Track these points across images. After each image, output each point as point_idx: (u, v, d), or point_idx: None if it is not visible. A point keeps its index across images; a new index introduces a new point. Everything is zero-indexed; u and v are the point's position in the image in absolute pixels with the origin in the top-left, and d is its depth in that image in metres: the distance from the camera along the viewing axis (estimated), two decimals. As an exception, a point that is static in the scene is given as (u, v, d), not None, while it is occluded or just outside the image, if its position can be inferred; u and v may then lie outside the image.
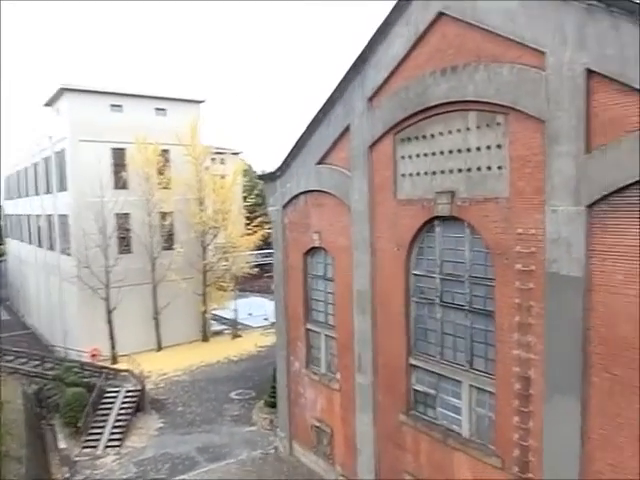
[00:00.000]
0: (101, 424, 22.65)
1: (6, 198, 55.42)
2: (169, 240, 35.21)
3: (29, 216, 43.73)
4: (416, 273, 14.33)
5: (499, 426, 12.17)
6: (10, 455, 17.66)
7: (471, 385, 12.97)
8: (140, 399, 24.59)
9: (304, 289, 19.06)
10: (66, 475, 19.70)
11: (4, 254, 58.24)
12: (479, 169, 12.13)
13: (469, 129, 12.28)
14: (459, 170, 12.62)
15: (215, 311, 40.39)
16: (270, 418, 23.36)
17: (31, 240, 43.65)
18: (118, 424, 22.70)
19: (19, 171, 46.65)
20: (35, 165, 40.40)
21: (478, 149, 12.11)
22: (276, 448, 21.03)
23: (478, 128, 12.07)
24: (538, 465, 11.25)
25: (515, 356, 11.58)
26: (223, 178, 39.72)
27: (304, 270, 19.02)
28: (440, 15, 12.42)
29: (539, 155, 10.75)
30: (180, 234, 35.19)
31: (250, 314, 43.64)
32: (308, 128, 17.58)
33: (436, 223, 13.54)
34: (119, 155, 33.40)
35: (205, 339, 37.05)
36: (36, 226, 41.43)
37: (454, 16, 12.08)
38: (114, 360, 31.38)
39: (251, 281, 48.42)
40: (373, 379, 15.70)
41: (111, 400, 23.92)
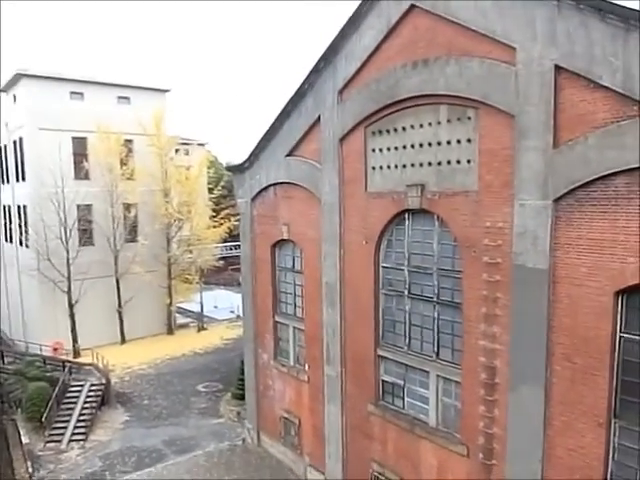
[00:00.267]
0: (65, 418, 22.18)
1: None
2: (133, 232, 34.51)
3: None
4: (385, 265, 14.44)
5: (465, 415, 12.44)
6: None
7: (438, 375, 13.20)
8: (105, 393, 24.19)
9: (272, 281, 18.98)
10: (29, 470, 19.22)
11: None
12: (449, 163, 12.28)
13: (440, 123, 12.40)
14: (429, 163, 12.74)
15: (180, 304, 39.90)
16: (237, 410, 23.31)
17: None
18: (83, 418, 22.26)
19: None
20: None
21: (448, 143, 12.25)
22: (244, 440, 21.00)
23: (449, 122, 12.20)
24: (502, 452, 11.56)
25: (481, 346, 11.83)
26: (188, 169, 39.09)
27: (272, 262, 18.93)
28: (412, 7, 12.45)
29: (508, 149, 10.95)
30: (144, 226, 34.48)
31: (216, 307, 43.35)
32: (277, 119, 17.43)
33: (406, 216, 13.66)
34: (80, 144, 32.47)
35: (170, 332, 36.59)
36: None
37: (426, 9, 12.13)
38: (76, 354, 30.66)
39: (216, 274, 48.00)
40: (342, 370, 15.79)
41: (75, 394, 23.44)
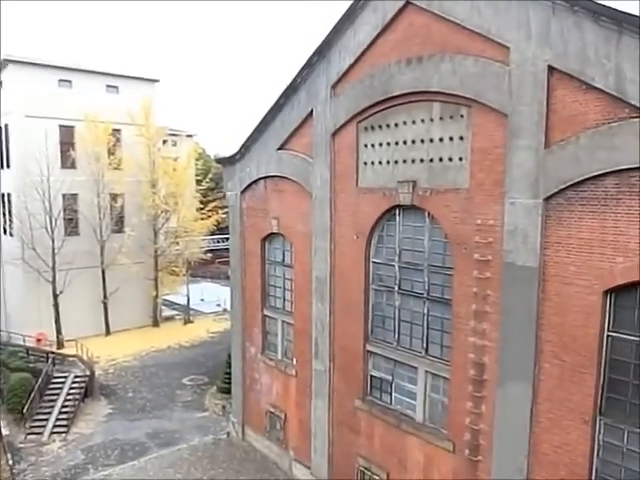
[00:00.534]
0: (47, 410, 21.97)
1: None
2: (119, 223, 34.20)
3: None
4: (375, 261, 14.47)
5: (452, 411, 12.54)
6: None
7: (427, 371, 13.28)
8: (88, 385, 23.99)
9: (261, 275, 18.93)
10: (10, 462, 18.99)
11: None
12: (441, 160, 12.32)
13: (432, 120, 12.42)
14: (421, 160, 12.77)
15: (166, 296, 39.68)
16: (223, 404, 23.28)
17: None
18: (65, 410, 22.05)
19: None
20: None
21: (441, 140, 12.29)
22: (228, 433, 20.98)
23: (441, 119, 12.23)
24: (488, 448, 11.68)
25: (470, 343, 11.92)
26: (176, 160, 38.83)
27: (262, 256, 18.88)
28: (407, 4, 12.44)
29: (500, 148, 11.01)
30: (131, 217, 34.15)
31: (202, 300, 43.18)
32: (269, 112, 17.34)
33: (397, 212, 13.69)
34: (67, 133, 32.06)
35: (155, 324, 36.38)
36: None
37: (421, 6, 12.13)
38: (60, 345, 30.34)
39: (203, 266, 47.77)
40: (330, 365, 15.83)
41: (58, 386, 23.23)
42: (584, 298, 9.90)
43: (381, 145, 13.76)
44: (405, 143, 13.12)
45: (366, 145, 14.18)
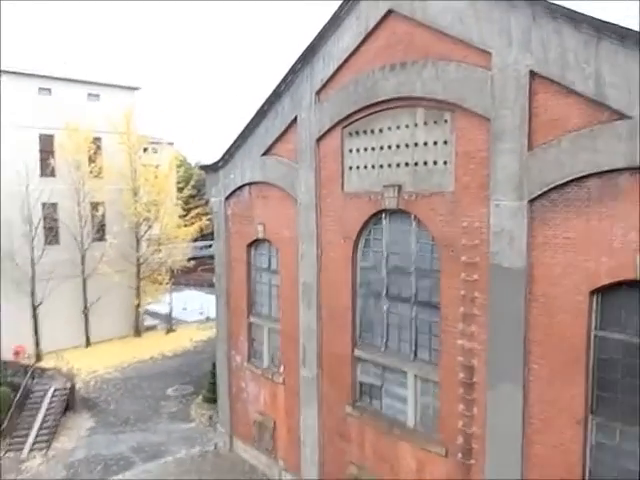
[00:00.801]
0: (27, 425, 21.40)
1: None
2: (101, 231, 33.75)
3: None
4: (363, 265, 14.48)
5: (443, 415, 12.54)
6: None
7: (416, 375, 13.29)
8: (69, 398, 23.46)
9: (247, 281, 18.82)
10: (-12, 480, 18.52)
11: None
12: (426, 164, 12.41)
13: (417, 125, 12.52)
14: (406, 164, 12.85)
15: (149, 305, 39.17)
16: (209, 414, 23.01)
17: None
18: (46, 425, 21.52)
19: None
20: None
21: (425, 144, 12.38)
22: (216, 445, 20.70)
23: (425, 124, 12.33)
24: (481, 451, 11.69)
25: (459, 346, 11.96)
26: (157, 168, 38.53)
27: (247, 262, 18.78)
28: (390, 12, 12.55)
29: (484, 151, 11.13)
30: (113, 225, 33.71)
31: (185, 308, 42.67)
32: (253, 119, 17.31)
33: (383, 216, 13.73)
34: (47, 141, 31.61)
35: (138, 334, 35.85)
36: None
37: (404, 14, 12.24)
38: (39, 357, 29.73)
39: (186, 274, 47.24)
40: (318, 372, 15.75)
41: (38, 400, 22.66)
42: (571, 298, 10.01)
43: (366, 150, 13.81)
44: (390, 148, 13.19)
45: (351, 150, 14.22)
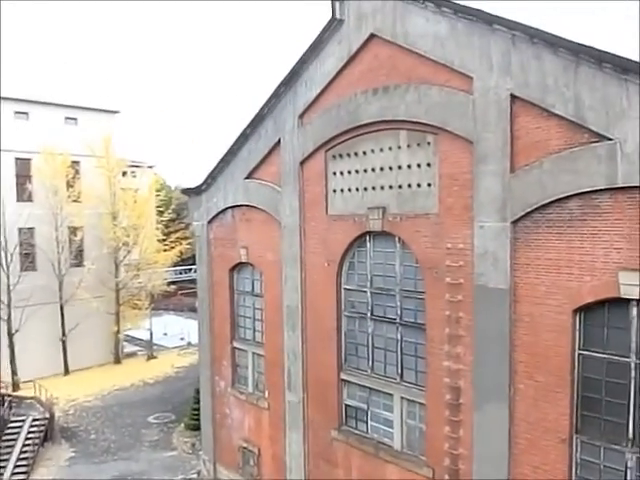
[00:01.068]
0: (4, 457, 20.76)
1: None
2: (79, 256, 33.34)
3: None
4: (347, 287, 14.46)
5: (430, 436, 12.47)
6: None
7: (402, 397, 13.22)
8: (48, 428, 22.84)
9: (230, 306, 18.63)
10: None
11: None
12: (410, 186, 12.54)
13: (400, 147, 12.67)
14: (390, 187, 12.96)
15: (128, 331, 38.52)
16: (192, 442, 22.56)
17: None
18: (24, 456, 20.90)
19: None
20: None
21: (409, 167, 12.52)
22: (199, 472, 20.27)
23: (409, 147, 12.49)
24: (468, 472, 11.62)
25: (445, 367, 11.95)
26: (137, 192, 38.27)
27: (230, 286, 18.62)
28: (372, 36, 12.79)
29: (467, 174, 11.29)
30: (91, 250, 33.34)
31: (165, 334, 42.07)
32: (236, 142, 17.35)
33: (367, 238, 13.78)
34: (24, 166, 31.39)
35: (117, 361, 35.26)
36: None
37: (386, 38, 12.48)
38: (16, 387, 28.90)
39: (166, 299, 46.73)
40: (303, 396, 15.57)
41: (15, 430, 22.02)
42: (555, 317, 10.11)
43: (350, 173, 13.91)
44: (374, 170, 13.31)
45: (335, 173, 14.31)
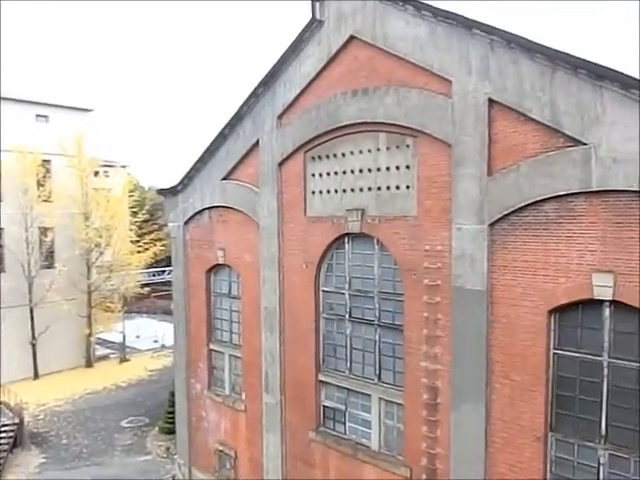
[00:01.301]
0: (-30, 465, 20.13)
1: None
2: (50, 258, 32.57)
3: None
4: (325, 289, 14.47)
5: (408, 436, 12.56)
6: None
7: (380, 398, 13.28)
8: (17, 434, 22.25)
9: (207, 308, 18.45)
10: None
11: None
12: (388, 188, 12.62)
13: (379, 149, 12.75)
14: (369, 189, 13.03)
15: (100, 334, 37.78)
16: (166, 445, 22.27)
17: None
18: (-9, 463, 20.29)
19: None
20: None
21: (388, 169, 12.60)
22: (173, 477, 20.02)
23: (388, 149, 12.58)
24: (445, 471, 11.74)
25: (423, 367, 12.05)
26: (110, 192, 37.60)
27: (207, 288, 18.44)
28: (352, 38, 12.85)
29: (446, 176, 11.42)
30: (62, 251, 32.59)
31: (138, 336, 41.39)
32: (213, 142, 17.21)
33: (346, 240, 13.82)
34: (-8, 164, 30.40)
35: (89, 364, 34.55)
36: None
37: (366, 40, 12.55)
38: (-18, 392, 28.05)
39: (139, 301, 46.05)
40: (281, 398, 15.51)
41: (-18, 437, 21.37)
42: (530, 318, 10.30)
43: (329, 174, 13.93)
44: (353, 172, 13.36)
45: (314, 174, 14.31)
